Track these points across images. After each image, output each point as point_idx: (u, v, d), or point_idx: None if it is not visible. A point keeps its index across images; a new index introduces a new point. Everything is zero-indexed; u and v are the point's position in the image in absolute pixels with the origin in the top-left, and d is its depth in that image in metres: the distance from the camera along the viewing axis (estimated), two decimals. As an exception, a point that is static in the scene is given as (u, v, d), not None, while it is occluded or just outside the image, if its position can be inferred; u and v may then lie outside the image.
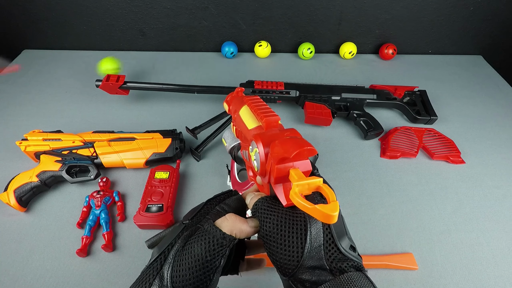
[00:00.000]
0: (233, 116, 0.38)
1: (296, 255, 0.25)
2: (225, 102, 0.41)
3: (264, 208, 0.28)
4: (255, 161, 0.28)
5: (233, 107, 0.38)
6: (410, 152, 0.68)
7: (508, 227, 0.58)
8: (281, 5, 0.90)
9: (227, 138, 0.43)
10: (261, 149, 0.27)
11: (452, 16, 0.93)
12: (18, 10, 0.90)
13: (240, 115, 0.35)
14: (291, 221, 0.26)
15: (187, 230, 0.29)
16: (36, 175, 0.57)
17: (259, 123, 0.32)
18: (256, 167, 0.28)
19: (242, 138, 0.35)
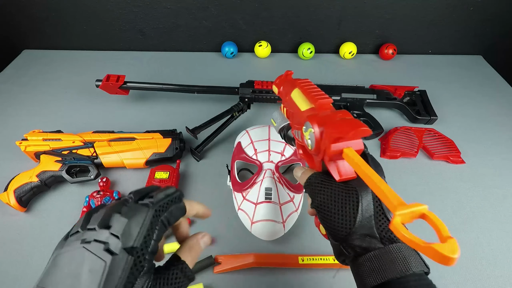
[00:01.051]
0: (283, 98, 0.40)
1: (349, 223, 0.28)
2: (274, 85, 0.44)
3: (318, 182, 0.31)
4: (309, 140, 0.30)
5: (284, 89, 0.40)
6: (410, 152, 0.68)
7: (508, 227, 0.58)
8: (281, 5, 0.90)
9: (276, 118, 0.44)
10: (317, 129, 0.29)
11: (452, 16, 0.93)
12: (18, 10, 0.90)
13: (292, 97, 0.37)
14: (344, 193, 0.29)
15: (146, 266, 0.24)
16: (36, 175, 0.57)
17: (311, 105, 0.33)
18: (310, 146, 0.30)
19: (294, 119, 0.37)
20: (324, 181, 0.31)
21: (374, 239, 0.27)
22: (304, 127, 0.31)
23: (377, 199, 0.29)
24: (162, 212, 0.26)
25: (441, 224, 0.22)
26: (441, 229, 0.21)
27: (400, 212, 0.21)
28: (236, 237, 0.55)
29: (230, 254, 0.52)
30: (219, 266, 0.50)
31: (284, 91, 0.40)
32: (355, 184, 0.29)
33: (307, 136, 0.31)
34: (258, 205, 0.53)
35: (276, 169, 0.56)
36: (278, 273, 0.50)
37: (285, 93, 0.40)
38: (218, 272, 0.50)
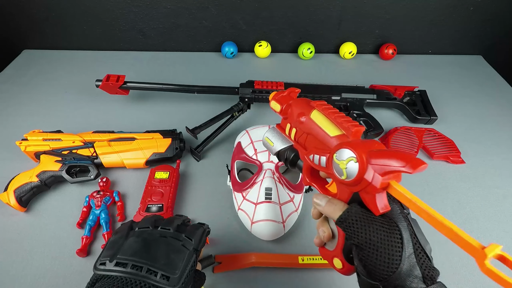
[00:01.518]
0: (290, 117, 0.37)
1: (395, 262, 0.26)
2: (274, 101, 0.39)
3: (359, 217, 0.28)
4: (346, 169, 0.28)
5: (297, 109, 0.36)
6: (410, 152, 0.68)
7: (508, 227, 0.58)
8: (281, 5, 0.90)
9: (273, 138, 0.40)
10: (364, 160, 0.27)
11: (452, 16, 0.93)
12: (18, 10, 0.90)
13: (312, 120, 0.34)
14: (387, 229, 0.27)
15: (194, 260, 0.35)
16: (36, 175, 0.57)
17: (341, 131, 0.31)
18: (345, 176, 0.28)
19: (312, 143, 0.34)
20: (365, 216, 0.28)
21: (416, 278, 0.26)
22: (337, 155, 0.29)
23: (414, 235, 0.28)
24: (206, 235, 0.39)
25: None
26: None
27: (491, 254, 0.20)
28: (236, 237, 0.55)
29: (230, 254, 0.52)
30: (219, 266, 0.50)
31: (297, 111, 0.36)
32: (394, 218, 0.28)
33: (343, 165, 0.28)
34: (258, 205, 0.53)
35: (276, 169, 0.57)
36: (278, 273, 0.50)
37: (297, 113, 0.36)
38: (218, 272, 0.50)
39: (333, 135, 0.31)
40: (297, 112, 0.36)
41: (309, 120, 0.34)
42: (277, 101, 0.39)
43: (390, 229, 0.27)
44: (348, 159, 0.28)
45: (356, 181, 0.27)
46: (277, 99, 0.39)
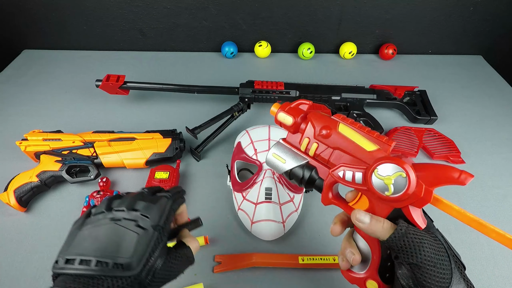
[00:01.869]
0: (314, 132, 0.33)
1: (447, 276, 0.26)
2: (284, 113, 0.35)
3: (413, 236, 0.27)
4: (393, 185, 0.27)
5: (319, 122, 0.33)
6: (410, 152, 0.68)
7: (508, 227, 0.58)
8: (281, 5, 0.90)
9: (284, 155, 0.35)
10: (412, 173, 0.26)
11: (452, 16, 0.93)
12: (18, 10, 0.90)
13: (343, 134, 0.32)
14: (436, 244, 0.27)
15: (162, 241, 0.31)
16: (36, 175, 0.57)
17: (377, 146, 0.30)
18: (391, 191, 0.27)
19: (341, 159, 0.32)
20: (419, 233, 0.27)
21: None
22: (379, 170, 0.28)
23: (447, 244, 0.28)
24: (175, 203, 0.34)
25: None
26: None
27: None
28: (236, 237, 0.55)
29: (230, 254, 0.52)
30: (219, 266, 0.50)
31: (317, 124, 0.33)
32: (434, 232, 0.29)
33: (389, 180, 0.27)
34: (258, 205, 0.53)
35: (276, 169, 0.57)
36: (278, 273, 0.50)
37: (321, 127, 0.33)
38: (218, 272, 0.50)
39: (370, 150, 0.30)
40: (320, 126, 0.33)
41: (337, 134, 0.32)
42: (288, 112, 0.35)
43: (437, 243, 0.27)
44: (396, 174, 0.27)
45: (403, 196, 0.27)
46: (286, 111, 0.35)
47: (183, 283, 0.48)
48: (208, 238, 0.53)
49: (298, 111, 0.35)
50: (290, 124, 0.35)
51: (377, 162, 0.28)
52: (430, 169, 0.27)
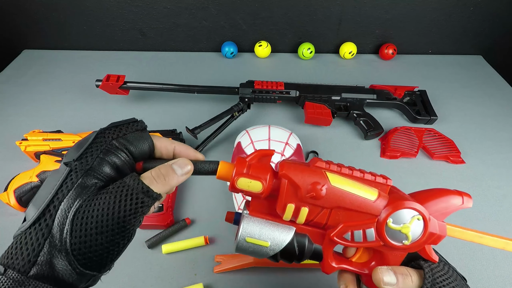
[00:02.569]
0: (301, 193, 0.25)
1: None
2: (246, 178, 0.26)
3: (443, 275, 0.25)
4: (410, 233, 0.25)
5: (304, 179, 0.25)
6: (410, 152, 0.68)
7: (508, 227, 0.58)
8: (281, 5, 0.90)
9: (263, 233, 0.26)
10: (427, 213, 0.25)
11: (452, 16, 0.93)
12: (18, 10, 0.90)
13: (339, 187, 0.25)
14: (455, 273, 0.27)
15: (79, 177, 0.23)
16: (36, 175, 0.57)
17: (376, 190, 0.26)
18: (410, 239, 0.25)
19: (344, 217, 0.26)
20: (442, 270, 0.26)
21: None
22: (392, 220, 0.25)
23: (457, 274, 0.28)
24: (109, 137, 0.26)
25: None
26: None
27: None
28: (236, 237, 0.55)
29: (230, 254, 0.52)
30: (219, 266, 0.50)
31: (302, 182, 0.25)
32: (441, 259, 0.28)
33: (406, 228, 0.25)
34: (258, 205, 0.52)
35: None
36: (278, 273, 0.50)
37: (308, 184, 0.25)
38: (218, 272, 0.50)
39: (374, 199, 0.25)
40: (306, 184, 0.25)
41: (333, 190, 0.25)
42: (251, 177, 0.25)
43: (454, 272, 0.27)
44: (412, 219, 0.24)
45: (421, 239, 0.25)
46: (250, 175, 0.25)
47: (183, 283, 0.48)
48: (208, 238, 0.53)
49: (263, 168, 0.26)
50: (260, 191, 0.25)
51: (388, 212, 0.25)
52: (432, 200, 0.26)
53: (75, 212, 0.22)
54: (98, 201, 0.22)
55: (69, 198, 0.22)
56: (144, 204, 0.23)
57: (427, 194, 0.26)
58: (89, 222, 0.22)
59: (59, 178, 0.23)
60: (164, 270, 0.50)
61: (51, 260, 0.21)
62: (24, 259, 0.21)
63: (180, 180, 0.25)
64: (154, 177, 0.24)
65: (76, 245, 0.21)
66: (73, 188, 0.22)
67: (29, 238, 0.22)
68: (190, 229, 0.56)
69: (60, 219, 0.22)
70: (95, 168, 0.24)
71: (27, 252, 0.21)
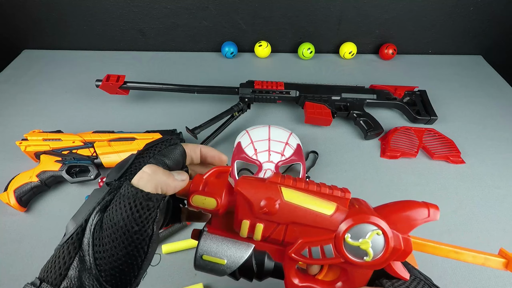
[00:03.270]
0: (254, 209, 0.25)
1: None
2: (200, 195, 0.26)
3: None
4: (371, 249, 0.23)
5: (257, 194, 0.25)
6: (410, 152, 0.68)
7: (508, 227, 0.58)
8: (281, 5, 0.90)
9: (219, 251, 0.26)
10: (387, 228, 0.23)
11: (452, 16, 0.93)
12: (18, 10, 0.90)
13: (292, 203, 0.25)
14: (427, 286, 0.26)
15: (110, 195, 0.24)
16: (36, 175, 0.57)
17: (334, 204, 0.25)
18: (371, 256, 0.23)
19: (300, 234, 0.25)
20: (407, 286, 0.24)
21: None
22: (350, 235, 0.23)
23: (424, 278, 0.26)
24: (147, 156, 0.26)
25: None
26: None
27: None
28: (236, 237, 0.55)
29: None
30: (219, 266, 0.50)
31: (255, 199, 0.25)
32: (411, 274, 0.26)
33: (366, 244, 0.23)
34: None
35: (276, 169, 0.57)
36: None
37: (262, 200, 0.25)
38: (218, 272, 0.50)
39: (331, 213, 0.24)
40: (259, 200, 0.25)
41: (286, 205, 0.24)
42: (206, 193, 0.25)
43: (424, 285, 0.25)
44: (371, 234, 0.23)
45: (384, 255, 0.23)
46: (205, 192, 0.26)
47: (183, 283, 0.48)
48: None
49: (218, 185, 0.26)
50: (214, 207, 0.25)
51: (346, 227, 0.23)
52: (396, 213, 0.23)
53: (95, 225, 0.22)
54: (105, 217, 0.22)
55: (94, 215, 0.23)
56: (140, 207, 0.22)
57: (392, 207, 0.24)
58: (105, 236, 0.22)
59: (99, 196, 0.24)
60: (164, 270, 0.50)
61: (80, 275, 0.22)
62: (55, 272, 0.22)
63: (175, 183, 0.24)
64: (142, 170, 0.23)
65: (98, 260, 0.22)
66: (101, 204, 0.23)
67: (61, 251, 0.22)
68: (190, 229, 0.56)
69: (87, 234, 0.22)
70: None
71: (59, 265, 0.22)
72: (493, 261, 0.23)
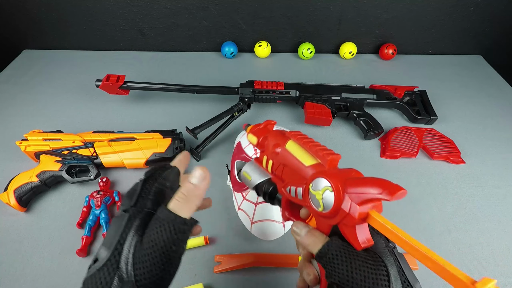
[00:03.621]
0: (267, 150, 0.35)
1: None
2: (251, 134, 0.38)
3: (339, 252, 0.25)
4: (323, 200, 0.26)
5: (271, 140, 0.35)
6: (410, 152, 0.68)
7: (508, 227, 0.58)
8: (281, 5, 0.90)
9: (251, 172, 0.37)
10: (338, 188, 0.25)
11: (452, 16, 0.93)
12: (18, 10, 0.90)
13: (288, 150, 0.32)
14: (371, 266, 0.25)
15: (136, 219, 0.27)
16: (36, 175, 0.57)
17: (317, 160, 0.30)
18: (322, 207, 0.26)
19: (290, 175, 0.32)
20: (347, 251, 0.25)
21: None
22: (312, 185, 0.27)
23: (402, 272, 0.26)
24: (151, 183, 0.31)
25: None
26: None
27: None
28: (236, 237, 0.55)
29: (230, 254, 0.52)
30: (219, 266, 0.50)
31: (270, 142, 0.35)
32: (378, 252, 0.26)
33: (319, 195, 0.26)
34: (258, 205, 0.53)
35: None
36: (278, 273, 0.50)
37: (273, 144, 0.34)
38: (218, 272, 0.50)
39: (308, 165, 0.30)
40: (273, 144, 0.34)
41: (284, 151, 0.33)
42: (254, 134, 0.38)
43: (375, 265, 0.24)
44: (324, 188, 0.26)
45: (333, 212, 0.25)
46: (253, 132, 0.38)
47: (183, 283, 0.48)
48: (208, 238, 0.53)
49: (264, 131, 0.38)
50: (255, 143, 0.37)
51: (310, 178, 0.28)
52: (361, 183, 0.25)
53: (134, 247, 0.26)
54: (145, 238, 0.26)
55: (130, 236, 0.26)
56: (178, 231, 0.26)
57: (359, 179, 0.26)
58: (145, 259, 0.25)
59: (122, 222, 0.27)
60: (164, 270, 0.50)
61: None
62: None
63: (201, 189, 0.28)
64: (179, 200, 0.27)
65: (138, 276, 0.25)
66: (132, 228, 0.27)
67: (101, 274, 0.25)
68: (190, 229, 0.56)
69: (125, 255, 0.25)
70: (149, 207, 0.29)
71: (101, 285, 0.24)
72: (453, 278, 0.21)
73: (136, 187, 0.31)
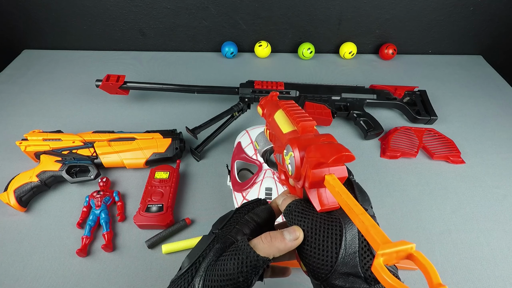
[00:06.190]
0: (267, 119, 0.38)
1: (330, 260, 0.25)
2: (259, 106, 0.41)
3: (297, 211, 0.28)
4: (289, 165, 0.28)
5: (268, 110, 0.37)
6: (410, 152, 0.68)
7: (508, 227, 0.58)
8: (281, 5, 0.90)
9: (259, 141, 0.41)
10: (297, 153, 0.26)
11: (452, 16, 0.93)
12: (18, 10, 0.90)
13: (274, 119, 0.34)
14: (327, 225, 0.26)
15: (218, 242, 0.29)
16: (36, 175, 0.57)
17: (294, 128, 0.31)
18: (290, 171, 0.28)
19: (276, 142, 0.35)
20: (305, 210, 0.27)
21: (359, 278, 0.24)
22: (285, 151, 0.29)
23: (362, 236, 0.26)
24: (243, 213, 0.32)
25: (431, 268, 0.18)
26: (432, 275, 0.18)
27: (383, 251, 0.18)
28: (236, 237, 0.55)
29: (230, 254, 0.52)
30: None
31: (268, 113, 0.38)
32: (340, 215, 0.26)
33: (287, 160, 0.28)
34: (258, 205, 0.53)
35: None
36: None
37: (268, 114, 0.37)
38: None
39: (285, 132, 0.32)
40: (268, 114, 0.37)
41: (272, 120, 0.35)
42: (261, 106, 0.41)
43: (330, 225, 0.26)
44: (290, 153, 0.28)
45: (296, 175, 0.27)
46: (260, 104, 0.41)
47: (183, 283, 0.48)
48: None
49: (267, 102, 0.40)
50: (261, 115, 0.41)
51: (285, 143, 0.30)
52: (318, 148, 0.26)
53: (207, 268, 0.27)
54: (219, 261, 0.27)
55: (208, 256, 0.28)
56: (249, 264, 0.26)
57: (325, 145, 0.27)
58: (214, 280, 0.26)
59: (207, 241, 0.30)
60: (164, 270, 0.50)
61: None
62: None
63: (287, 246, 0.27)
64: (262, 238, 0.28)
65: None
66: (213, 249, 0.28)
67: (180, 281, 0.27)
68: (190, 229, 0.56)
69: (200, 272, 0.27)
70: (232, 235, 0.30)
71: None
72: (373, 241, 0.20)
73: (228, 214, 0.33)
